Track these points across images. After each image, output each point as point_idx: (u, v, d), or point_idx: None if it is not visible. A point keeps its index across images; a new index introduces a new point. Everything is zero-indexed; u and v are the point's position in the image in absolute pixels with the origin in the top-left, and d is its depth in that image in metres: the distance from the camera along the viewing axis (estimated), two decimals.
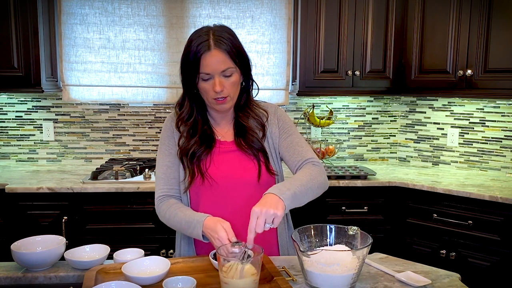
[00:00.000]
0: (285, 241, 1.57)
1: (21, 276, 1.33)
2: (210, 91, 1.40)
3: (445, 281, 1.30)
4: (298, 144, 1.50)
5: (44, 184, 2.44)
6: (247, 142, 1.48)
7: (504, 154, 2.85)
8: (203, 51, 1.35)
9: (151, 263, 1.30)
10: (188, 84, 1.44)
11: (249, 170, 1.47)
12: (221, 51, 1.36)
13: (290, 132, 1.53)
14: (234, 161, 1.48)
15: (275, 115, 1.56)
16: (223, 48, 1.36)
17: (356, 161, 3.28)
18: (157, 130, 3.10)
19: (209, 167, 1.46)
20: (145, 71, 3.00)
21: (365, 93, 2.99)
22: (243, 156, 1.49)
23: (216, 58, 1.36)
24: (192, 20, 2.98)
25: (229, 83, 1.40)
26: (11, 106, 3.01)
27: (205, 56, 1.35)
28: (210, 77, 1.38)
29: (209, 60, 1.35)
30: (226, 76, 1.39)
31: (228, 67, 1.37)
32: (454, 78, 2.68)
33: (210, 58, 1.35)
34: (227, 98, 1.42)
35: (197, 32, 1.41)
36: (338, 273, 1.20)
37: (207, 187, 1.45)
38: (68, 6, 2.89)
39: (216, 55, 1.35)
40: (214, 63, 1.36)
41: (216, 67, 1.36)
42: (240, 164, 1.48)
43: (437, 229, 2.53)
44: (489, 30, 2.53)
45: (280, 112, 1.58)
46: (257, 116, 1.52)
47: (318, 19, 2.78)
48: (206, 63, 1.36)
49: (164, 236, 2.49)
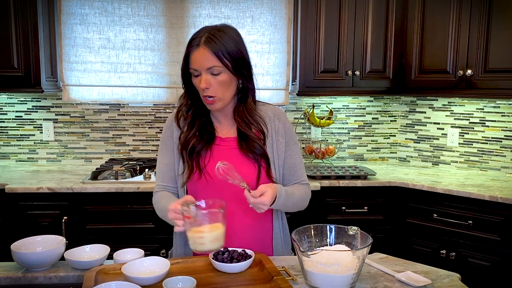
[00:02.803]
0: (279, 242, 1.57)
1: (21, 276, 1.33)
2: (199, 88, 1.44)
3: (445, 281, 1.30)
4: (298, 166, 1.58)
5: (44, 184, 2.44)
6: (249, 147, 1.49)
7: (504, 154, 2.85)
8: (192, 47, 1.41)
9: (151, 263, 1.30)
10: (185, 78, 1.49)
11: (248, 173, 1.47)
12: (207, 50, 1.39)
13: (293, 150, 1.57)
14: (235, 159, 1.48)
15: (280, 120, 1.56)
16: (210, 47, 1.39)
17: (356, 161, 3.28)
18: (157, 130, 3.10)
19: (207, 163, 1.47)
20: (145, 71, 3.00)
21: (365, 93, 2.99)
22: (244, 158, 1.49)
23: (202, 55, 1.39)
24: (192, 20, 2.98)
25: (216, 81, 1.41)
26: (11, 106, 3.01)
27: (193, 52, 1.41)
28: (199, 74, 1.42)
29: (196, 56, 1.40)
30: (214, 74, 1.41)
31: (213, 65, 1.39)
32: (454, 78, 2.68)
33: (197, 55, 1.40)
34: (215, 99, 1.43)
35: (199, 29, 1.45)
36: (338, 273, 1.20)
37: (204, 183, 1.46)
38: (68, 6, 2.89)
39: (202, 52, 1.39)
40: (199, 59, 1.40)
41: (201, 64, 1.40)
42: (240, 164, 1.47)
43: (437, 229, 2.53)
44: (489, 30, 2.53)
45: (285, 120, 1.58)
46: (258, 123, 1.52)
47: (318, 19, 2.78)
48: (193, 58, 1.41)
49: (164, 236, 2.49)
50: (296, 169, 1.57)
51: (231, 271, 1.30)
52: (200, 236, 1.25)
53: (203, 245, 1.26)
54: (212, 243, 1.27)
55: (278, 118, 1.56)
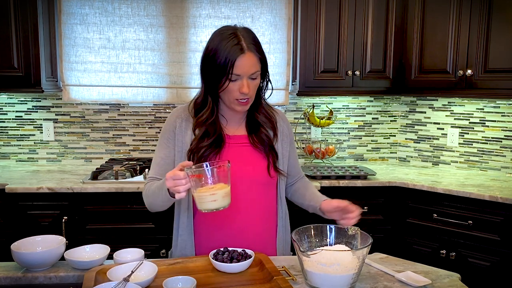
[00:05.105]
0: (281, 242, 1.58)
1: (21, 276, 1.33)
2: (235, 92, 1.40)
3: (445, 281, 1.30)
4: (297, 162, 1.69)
5: (44, 184, 2.44)
6: (259, 138, 1.51)
7: (504, 154, 2.85)
8: (237, 55, 1.35)
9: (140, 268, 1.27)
10: (213, 84, 1.42)
11: (259, 167, 1.49)
12: (254, 54, 1.38)
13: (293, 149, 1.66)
14: (244, 155, 1.49)
15: (284, 121, 1.62)
16: (255, 51, 1.38)
17: (356, 161, 3.28)
18: (157, 130, 3.10)
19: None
20: (145, 71, 3.00)
21: (365, 93, 2.99)
22: (253, 152, 1.51)
23: (249, 61, 1.37)
24: (192, 20, 2.98)
25: (254, 85, 1.42)
26: (11, 106, 3.01)
27: (240, 59, 1.36)
28: (238, 78, 1.39)
29: (243, 62, 1.36)
30: (252, 79, 1.41)
31: (257, 70, 1.40)
32: (454, 78, 2.68)
33: (244, 61, 1.36)
34: (249, 100, 1.45)
35: (222, 33, 1.40)
36: (338, 273, 1.20)
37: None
38: (68, 6, 2.89)
39: (249, 58, 1.37)
40: (247, 65, 1.37)
41: (247, 70, 1.38)
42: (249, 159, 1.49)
43: (437, 229, 2.53)
44: (489, 30, 2.53)
45: (287, 121, 1.64)
46: (269, 115, 1.55)
47: (318, 19, 2.78)
48: (239, 64, 1.36)
49: (164, 236, 2.49)
50: (296, 165, 1.68)
51: (231, 271, 1.30)
52: (212, 193, 1.22)
53: (216, 202, 1.23)
54: (223, 199, 1.24)
55: (282, 119, 1.62)
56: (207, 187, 1.22)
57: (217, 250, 1.37)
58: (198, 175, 1.22)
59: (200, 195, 1.24)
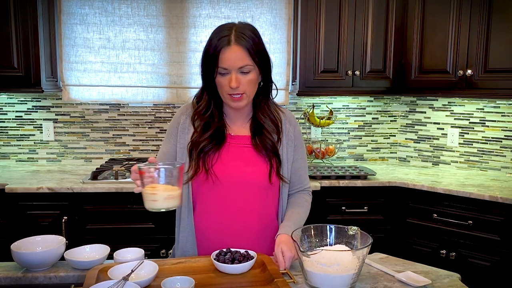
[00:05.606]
0: None
1: (21, 276, 1.33)
2: (226, 86, 1.39)
3: (445, 281, 1.30)
4: (303, 169, 1.59)
5: (44, 184, 2.44)
6: (262, 142, 1.48)
7: (504, 154, 2.85)
8: (222, 46, 1.35)
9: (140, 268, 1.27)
10: (206, 77, 1.44)
11: (259, 170, 1.46)
12: (241, 47, 1.35)
13: (300, 154, 1.57)
14: (245, 157, 1.47)
15: (291, 124, 1.56)
16: (243, 45, 1.35)
17: (356, 161, 3.28)
18: (157, 130, 3.10)
19: (214, 164, 1.45)
20: (145, 71, 3.00)
21: (365, 93, 2.99)
22: (255, 154, 1.48)
23: (235, 54, 1.35)
24: (192, 20, 2.98)
25: (246, 80, 1.39)
26: (11, 106, 3.01)
27: (224, 50, 1.35)
28: (227, 72, 1.38)
29: (228, 55, 1.35)
30: (244, 73, 1.38)
31: (246, 64, 1.37)
32: (454, 78, 2.68)
33: (229, 54, 1.35)
34: (243, 96, 1.41)
35: (220, 26, 1.41)
36: (338, 273, 1.20)
37: (210, 184, 1.45)
38: (68, 6, 2.89)
39: (235, 50, 1.35)
40: (233, 58, 1.35)
41: (234, 63, 1.36)
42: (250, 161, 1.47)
43: (437, 229, 2.53)
44: (489, 30, 2.53)
45: (295, 124, 1.58)
46: (275, 118, 1.51)
47: (318, 19, 2.78)
48: (224, 57, 1.36)
49: (164, 236, 2.49)
50: (301, 172, 1.58)
51: (232, 272, 1.30)
52: (152, 193, 1.19)
53: (156, 202, 1.19)
54: (165, 200, 1.20)
55: (289, 121, 1.56)
56: (151, 186, 1.20)
57: (220, 251, 1.36)
58: (141, 172, 1.20)
59: (143, 193, 1.22)
